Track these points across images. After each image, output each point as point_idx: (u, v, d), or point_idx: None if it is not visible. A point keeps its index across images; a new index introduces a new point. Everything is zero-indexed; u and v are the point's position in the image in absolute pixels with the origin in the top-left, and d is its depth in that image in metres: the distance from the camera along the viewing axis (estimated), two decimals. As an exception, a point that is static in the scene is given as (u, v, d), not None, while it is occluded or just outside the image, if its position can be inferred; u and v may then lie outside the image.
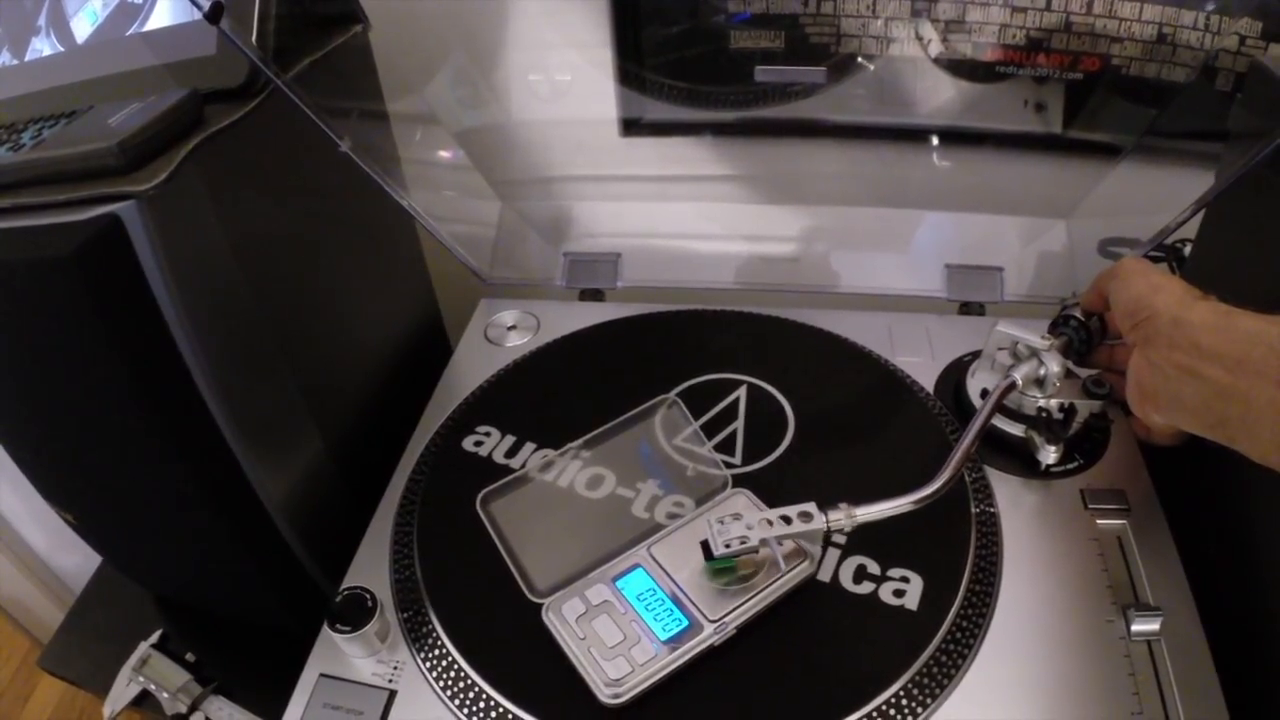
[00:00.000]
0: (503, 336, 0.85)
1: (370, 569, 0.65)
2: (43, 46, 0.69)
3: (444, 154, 0.88)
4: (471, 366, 0.82)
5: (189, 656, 0.80)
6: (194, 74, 0.62)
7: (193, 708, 0.77)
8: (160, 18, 0.65)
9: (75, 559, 1.31)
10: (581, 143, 0.97)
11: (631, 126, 0.97)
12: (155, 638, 0.81)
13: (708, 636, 0.54)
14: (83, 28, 0.68)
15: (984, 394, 0.69)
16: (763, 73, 0.88)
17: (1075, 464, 0.68)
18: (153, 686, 0.77)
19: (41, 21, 0.70)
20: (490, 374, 0.80)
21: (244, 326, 0.62)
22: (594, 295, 0.90)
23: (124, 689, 0.78)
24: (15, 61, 0.70)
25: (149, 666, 0.79)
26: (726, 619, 0.55)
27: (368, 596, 0.59)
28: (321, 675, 0.59)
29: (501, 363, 0.81)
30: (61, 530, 0.83)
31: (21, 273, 0.55)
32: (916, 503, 0.57)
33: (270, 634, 0.78)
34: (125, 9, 0.67)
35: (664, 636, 0.54)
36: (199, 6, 0.53)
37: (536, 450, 0.70)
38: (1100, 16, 0.81)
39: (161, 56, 0.64)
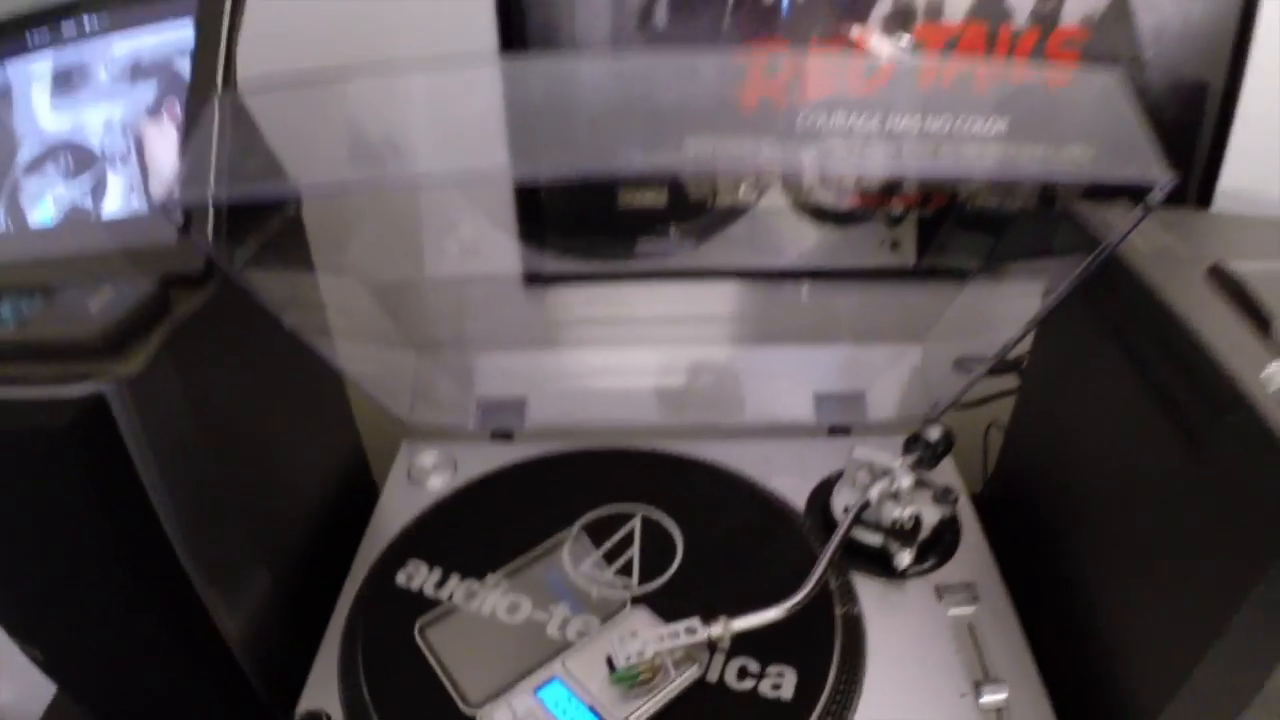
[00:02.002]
0: (424, 477, 0.93)
1: (321, 691, 0.72)
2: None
3: (363, 308, 0.97)
4: (397, 506, 0.90)
5: None
6: (151, 258, 0.69)
7: None
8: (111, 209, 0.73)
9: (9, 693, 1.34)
10: (488, 296, 1.07)
11: (533, 279, 1.07)
12: None
13: (616, 735, 0.63)
14: (35, 219, 0.75)
15: (845, 510, 0.79)
16: (653, 248, 1.00)
17: (930, 563, 0.80)
18: None
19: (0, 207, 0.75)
20: (415, 513, 0.88)
21: (205, 483, 0.70)
22: (504, 435, 0.99)
23: None
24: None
25: None
26: (631, 718, 0.64)
27: (324, 716, 0.67)
28: None
29: (424, 502, 0.89)
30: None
31: (14, 441, 0.62)
32: (785, 611, 0.68)
33: None
34: (77, 211, 0.74)
35: (580, 737, 0.63)
36: (172, 219, 0.62)
37: (461, 581, 0.78)
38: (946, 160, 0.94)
39: (121, 242, 0.71)
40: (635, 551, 0.81)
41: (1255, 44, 0.93)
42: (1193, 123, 0.98)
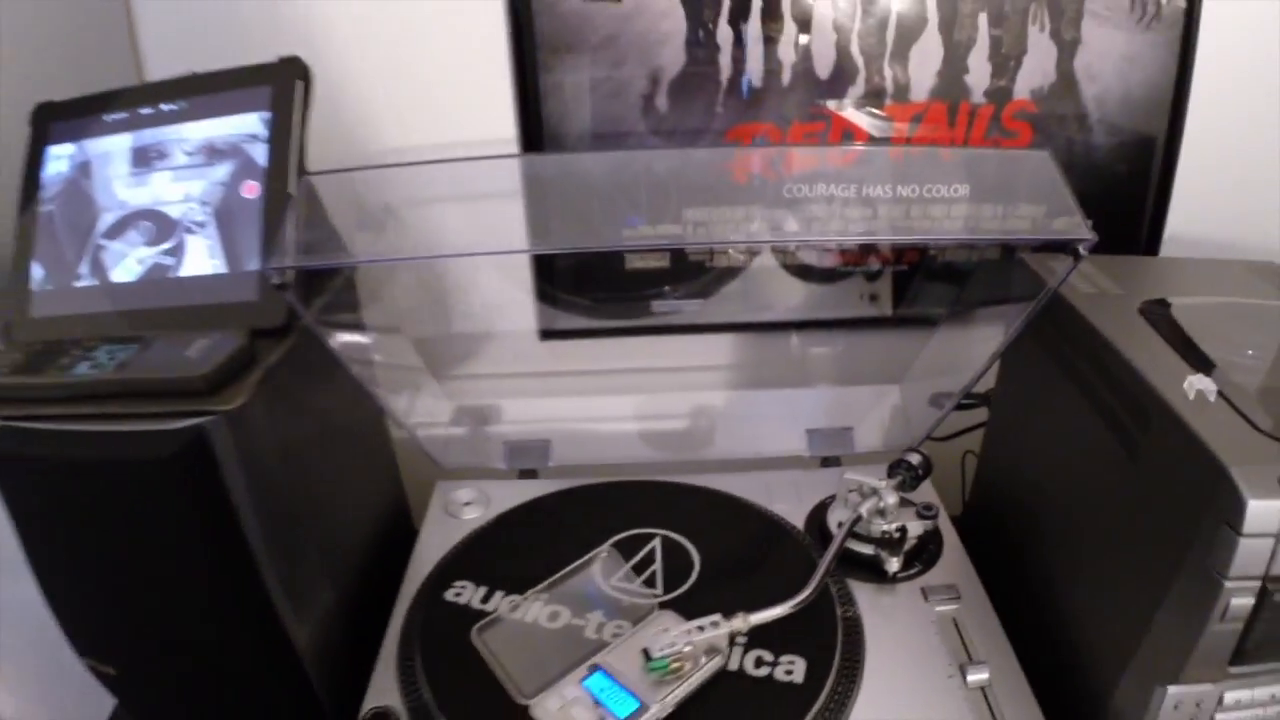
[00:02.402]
0: (460, 511, 1.03)
1: (381, 695, 0.81)
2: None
3: (404, 361, 1.08)
4: (437, 537, 1.00)
5: None
6: (234, 314, 0.80)
7: None
8: (195, 259, 0.83)
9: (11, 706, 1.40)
10: (508, 349, 1.19)
11: (547, 334, 1.19)
12: None
13: (654, 713, 0.74)
14: (117, 278, 0.84)
15: (840, 525, 0.90)
16: (658, 305, 1.12)
17: (916, 569, 0.91)
18: None
19: (83, 269, 0.85)
20: (454, 542, 0.98)
21: (284, 510, 0.80)
22: (530, 474, 1.09)
23: None
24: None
25: None
26: (666, 700, 0.74)
27: (392, 712, 0.77)
28: None
29: (462, 533, 0.99)
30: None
31: (125, 469, 0.71)
32: (793, 606, 0.79)
33: None
34: (158, 269, 0.84)
35: (622, 715, 0.73)
36: (275, 285, 0.73)
37: (505, 596, 0.88)
38: (917, 220, 1.06)
39: (201, 299, 0.82)
40: (658, 566, 0.91)
41: (1191, 103, 1.08)
42: (1142, 175, 1.12)
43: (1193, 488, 0.64)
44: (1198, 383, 0.68)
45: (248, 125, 0.85)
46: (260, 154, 0.84)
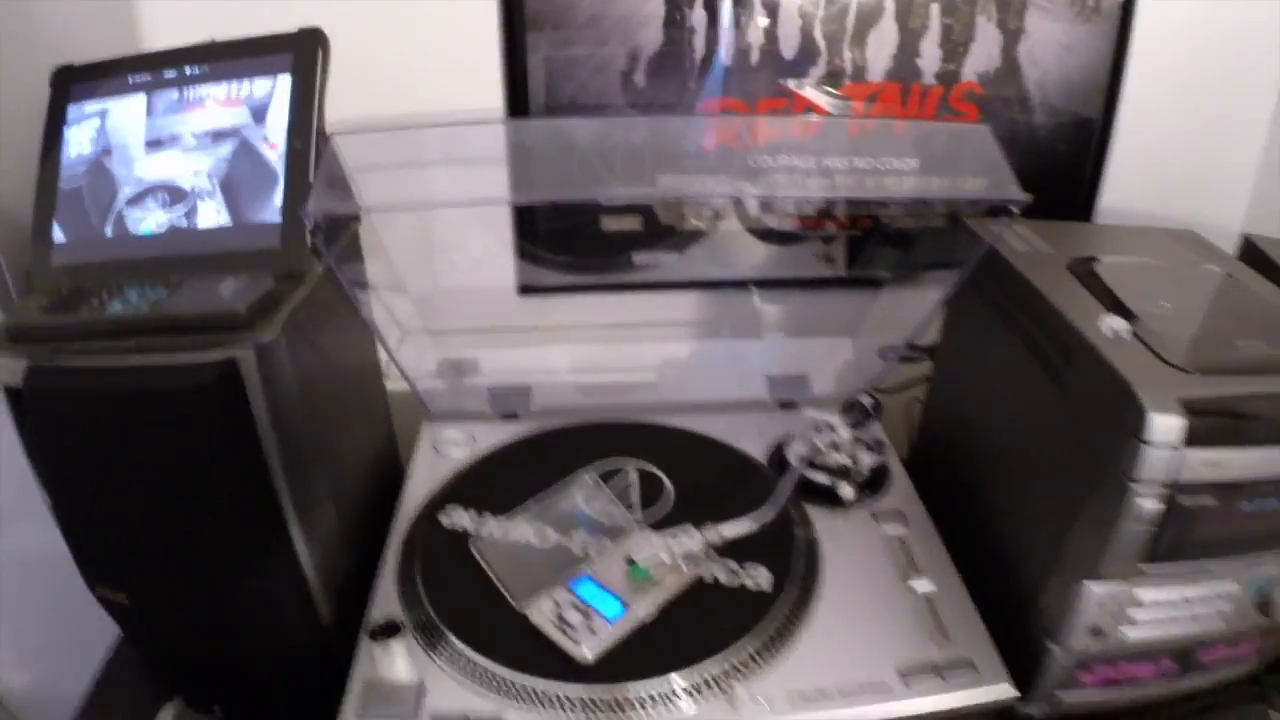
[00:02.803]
0: (447, 449, 1.12)
1: (384, 607, 0.89)
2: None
3: (398, 310, 1.16)
4: (426, 473, 1.08)
5: (215, 709, 0.97)
6: (257, 259, 0.87)
7: None
8: (206, 215, 0.91)
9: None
10: (490, 303, 1.27)
11: (526, 290, 1.28)
12: (178, 701, 0.97)
13: (638, 614, 0.83)
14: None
15: (799, 457, 1.01)
16: (639, 257, 1.21)
17: (867, 496, 1.02)
18: None
19: (108, 231, 0.92)
20: (445, 475, 1.06)
21: (299, 440, 0.86)
22: (512, 416, 1.18)
23: None
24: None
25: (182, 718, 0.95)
26: (648, 603, 0.84)
27: (397, 619, 0.84)
28: (366, 680, 0.81)
29: (451, 467, 1.07)
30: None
31: (160, 399, 0.78)
32: (759, 519, 0.90)
33: (278, 686, 0.98)
34: (175, 229, 0.91)
35: (610, 616, 0.83)
36: (313, 231, 0.82)
37: (495, 518, 0.97)
38: (871, 190, 1.16)
39: (234, 246, 0.89)
40: (635, 493, 1.01)
41: (1125, 89, 1.19)
42: (1079, 152, 1.24)
43: (1108, 409, 0.75)
44: (1112, 322, 0.79)
45: (244, 116, 0.92)
46: (255, 135, 0.92)
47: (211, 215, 0.91)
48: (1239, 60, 1.19)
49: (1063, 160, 1.23)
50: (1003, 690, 0.82)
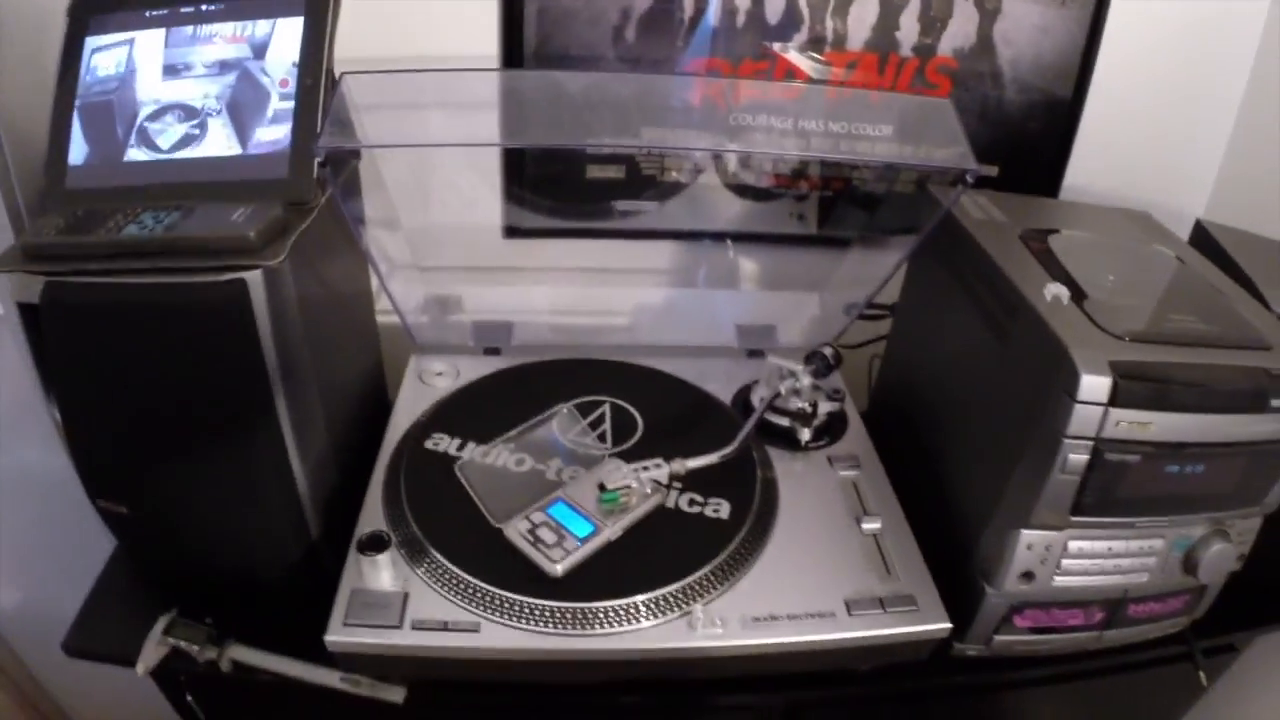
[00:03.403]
0: (432, 379, 1.17)
1: (371, 523, 0.95)
2: (135, 154, 0.95)
3: (391, 244, 1.20)
4: (412, 402, 1.14)
5: (207, 620, 0.98)
6: (264, 188, 0.91)
7: (221, 654, 0.95)
8: (212, 144, 0.95)
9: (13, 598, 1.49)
10: (477, 242, 1.33)
11: (511, 232, 1.33)
12: (173, 612, 0.97)
13: (606, 534, 0.90)
14: (164, 142, 0.96)
15: (761, 400, 1.08)
16: (620, 205, 1.27)
17: (824, 441, 1.09)
18: (182, 644, 0.94)
19: (132, 142, 0.95)
20: (430, 402, 1.12)
21: (298, 355, 0.90)
22: (494, 352, 1.23)
23: (154, 650, 0.95)
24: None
25: (175, 630, 0.96)
26: (616, 525, 0.91)
27: (384, 534, 0.90)
28: (354, 589, 0.87)
29: (436, 397, 1.13)
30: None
31: (173, 315, 0.82)
32: (722, 456, 0.98)
33: (269, 597, 0.99)
34: (187, 138, 0.95)
35: (581, 535, 0.89)
36: (322, 164, 0.87)
37: (477, 445, 1.03)
38: (845, 153, 1.22)
39: (245, 175, 0.93)
40: (607, 426, 1.08)
41: (1096, 72, 1.25)
42: (1047, 130, 1.30)
43: (1044, 367, 0.82)
44: (1054, 289, 0.86)
45: (246, 50, 0.97)
46: (255, 69, 0.96)
47: (219, 131, 0.96)
48: (1209, 51, 1.26)
49: (1032, 136, 1.29)
50: (940, 626, 0.89)
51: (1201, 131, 1.33)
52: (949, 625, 0.89)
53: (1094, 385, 0.77)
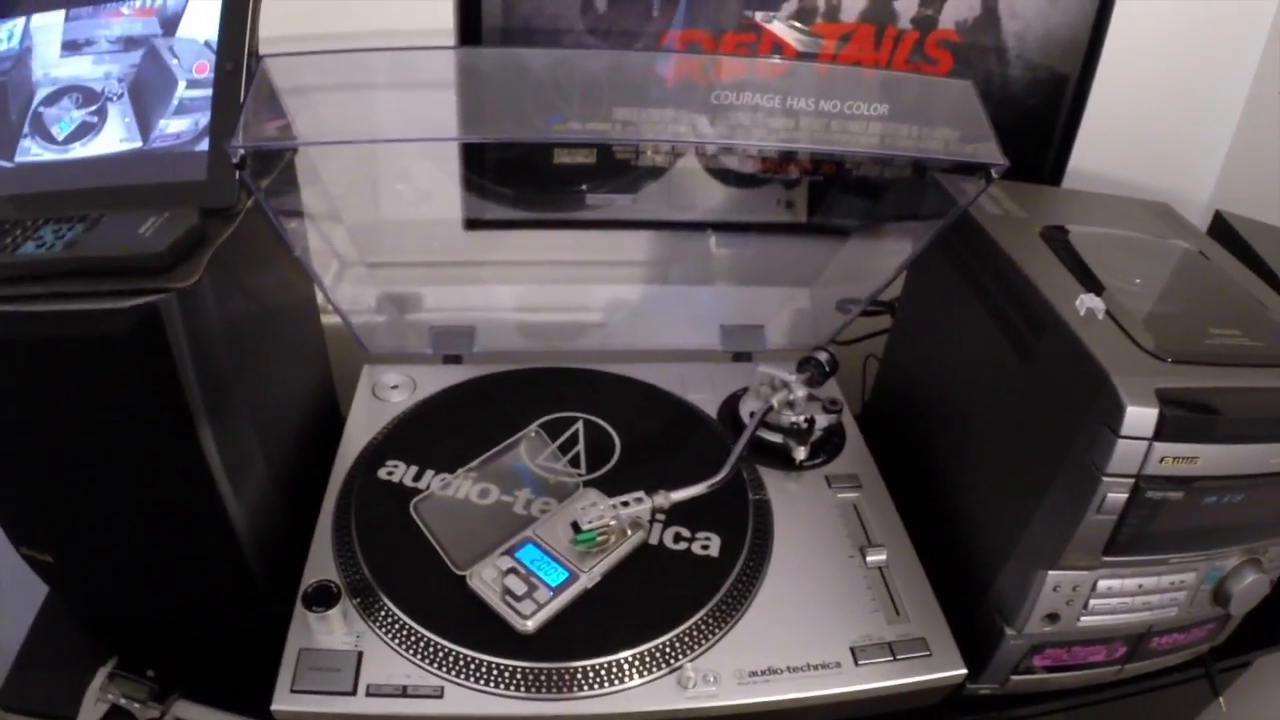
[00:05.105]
0: (387, 394, 1.07)
1: (319, 570, 0.85)
2: (30, 146, 0.85)
3: (336, 244, 1.10)
4: (365, 419, 1.04)
5: (149, 673, 0.92)
6: (180, 192, 0.81)
7: (165, 712, 0.87)
8: (111, 135, 0.84)
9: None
10: (435, 236, 1.22)
11: (472, 224, 1.22)
12: (112, 663, 0.89)
13: (583, 582, 0.80)
14: (58, 132, 0.85)
15: (752, 415, 0.98)
16: (590, 197, 1.16)
17: (821, 459, 1.00)
18: (123, 701, 0.86)
19: (26, 129, 0.85)
20: (384, 423, 1.02)
21: (226, 388, 0.82)
22: (455, 359, 1.13)
23: (92, 707, 0.86)
24: (8, 163, 0.85)
25: (115, 685, 0.87)
26: (594, 570, 0.81)
27: (332, 585, 0.81)
28: (302, 649, 0.78)
29: (390, 415, 1.03)
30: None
31: (76, 347, 0.73)
32: (709, 486, 0.87)
33: (214, 645, 0.92)
34: (85, 126, 0.85)
35: (554, 584, 0.80)
36: (235, 163, 0.75)
37: (436, 474, 0.93)
38: (837, 134, 1.11)
39: (157, 177, 0.83)
40: (581, 448, 0.98)
41: (1107, 47, 1.15)
42: (1052, 110, 1.20)
43: (1078, 393, 0.72)
44: (1089, 301, 0.76)
45: (153, 26, 0.86)
46: (163, 47, 0.85)
47: (117, 121, 0.85)
48: (1220, 32, 1.17)
49: (1035, 116, 1.20)
50: (955, 672, 0.81)
51: (1211, 113, 1.24)
52: (964, 671, 0.81)
53: (1139, 418, 0.68)
